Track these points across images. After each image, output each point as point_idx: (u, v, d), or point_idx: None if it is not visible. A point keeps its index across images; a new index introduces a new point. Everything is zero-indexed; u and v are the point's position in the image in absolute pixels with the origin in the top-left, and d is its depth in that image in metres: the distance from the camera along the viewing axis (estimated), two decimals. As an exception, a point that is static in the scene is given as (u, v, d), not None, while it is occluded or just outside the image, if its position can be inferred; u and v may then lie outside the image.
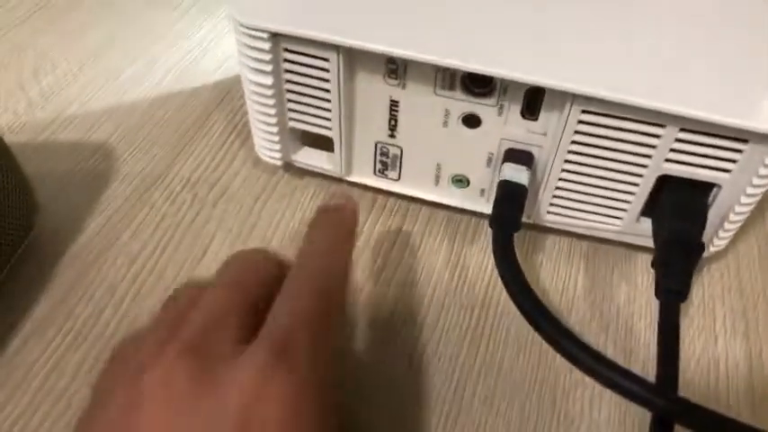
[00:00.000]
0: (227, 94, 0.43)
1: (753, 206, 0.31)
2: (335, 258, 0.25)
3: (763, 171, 0.29)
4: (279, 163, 0.36)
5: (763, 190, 0.30)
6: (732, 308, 0.34)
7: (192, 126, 0.40)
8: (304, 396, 0.20)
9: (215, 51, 0.46)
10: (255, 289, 0.23)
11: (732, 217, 0.31)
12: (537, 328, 0.26)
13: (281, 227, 0.36)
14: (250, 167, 0.38)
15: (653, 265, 0.31)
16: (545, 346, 0.31)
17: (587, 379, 0.29)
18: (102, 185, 0.37)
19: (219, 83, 0.43)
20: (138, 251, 0.34)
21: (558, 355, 0.31)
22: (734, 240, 0.35)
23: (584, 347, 0.25)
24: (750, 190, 0.30)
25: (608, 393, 0.29)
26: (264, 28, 0.30)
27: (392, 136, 0.34)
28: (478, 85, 0.31)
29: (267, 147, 0.36)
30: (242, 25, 0.30)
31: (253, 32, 0.30)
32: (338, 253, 0.26)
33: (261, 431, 0.18)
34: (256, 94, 0.33)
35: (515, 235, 0.31)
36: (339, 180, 0.37)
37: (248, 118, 0.36)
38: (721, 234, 0.32)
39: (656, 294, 0.29)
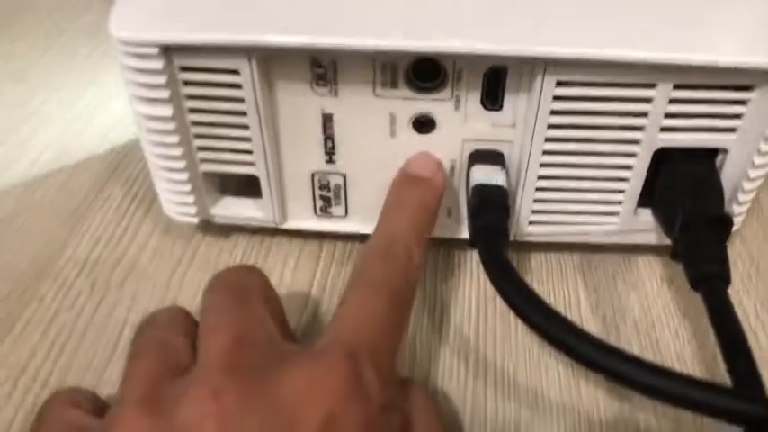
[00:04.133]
0: (123, 159, 0.35)
1: (768, 167, 0.26)
2: (413, 247, 0.24)
3: (775, 120, 0.24)
4: (194, 221, 0.29)
5: (778, 144, 0.25)
6: (760, 299, 0.29)
7: (81, 202, 0.33)
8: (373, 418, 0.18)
9: (103, 118, 0.39)
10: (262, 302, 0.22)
11: (746, 185, 0.26)
12: (577, 356, 0.20)
13: (209, 299, 0.28)
14: (160, 236, 0.31)
15: (674, 257, 0.25)
16: (568, 378, 0.25)
17: (624, 404, 0.23)
18: (-27, 289, 0.29)
19: (112, 150, 0.36)
20: (25, 360, 0.26)
21: (586, 383, 0.25)
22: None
23: (646, 364, 0.19)
24: (764, 147, 0.25)
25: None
26: (153, 41, 0.24)
27: (331, 161, 0.28)
28: (425, 77, 0.25)
29: (177, 201, 0.29)
30: (124, 42, 0.24)
31: (139, 50, 0.24)
32: (417, 243, 0.24)
33: None
34: (154, 132, 0.26)
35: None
36: (274, 230, 0.30)
37: (151, 178, 0.29)
38: (736, 209, 0.27)
39: (693, 286, 0.24)
